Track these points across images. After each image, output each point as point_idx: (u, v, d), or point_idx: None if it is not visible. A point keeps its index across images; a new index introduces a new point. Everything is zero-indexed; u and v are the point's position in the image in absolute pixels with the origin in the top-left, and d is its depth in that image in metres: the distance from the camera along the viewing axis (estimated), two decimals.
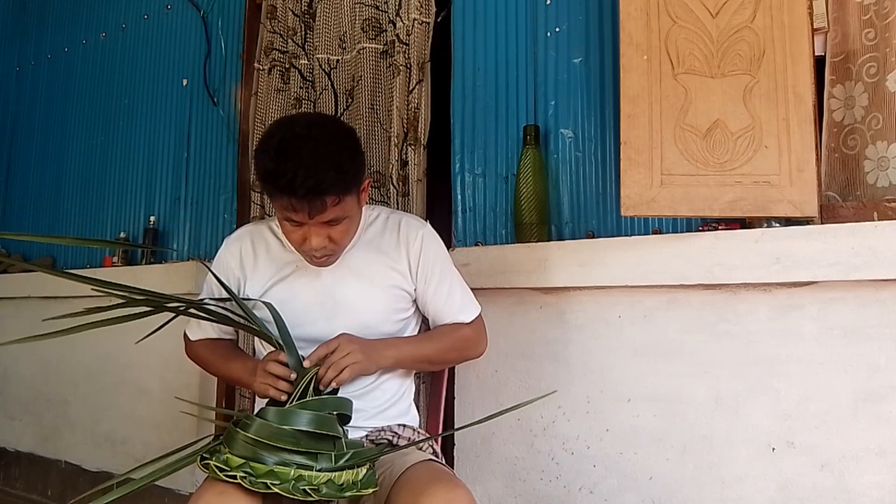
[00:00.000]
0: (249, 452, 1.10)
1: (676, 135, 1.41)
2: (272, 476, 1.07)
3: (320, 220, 1.22)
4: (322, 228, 1.25)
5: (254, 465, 1.09)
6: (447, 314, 1.43)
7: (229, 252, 1.45)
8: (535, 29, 1.82)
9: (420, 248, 1.40)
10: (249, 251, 1.43)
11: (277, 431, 1.09)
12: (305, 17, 2.23)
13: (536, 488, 1.66)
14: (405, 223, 1.44)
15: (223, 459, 1.11)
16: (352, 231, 1.34)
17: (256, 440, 1.09)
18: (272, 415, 1.12)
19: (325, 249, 1.28)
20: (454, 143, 1.93)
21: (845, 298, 1.32)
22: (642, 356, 1.54)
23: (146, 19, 2.83)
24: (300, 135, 1.20)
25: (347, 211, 1.25)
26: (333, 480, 1.09)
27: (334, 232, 1.26)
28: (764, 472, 1.38)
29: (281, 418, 1.11)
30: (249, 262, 1.42)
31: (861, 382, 1.30)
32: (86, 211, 2.93)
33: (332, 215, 1.22)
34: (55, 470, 2.76)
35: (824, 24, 1.46)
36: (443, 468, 1.27)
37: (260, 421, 1.11)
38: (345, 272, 1.38)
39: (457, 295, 1.44)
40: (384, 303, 1.39)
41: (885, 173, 1.39)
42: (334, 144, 1.22)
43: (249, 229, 1.49)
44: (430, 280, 1.41)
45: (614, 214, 1.66)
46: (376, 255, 1.40)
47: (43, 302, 2.88)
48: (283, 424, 1.10)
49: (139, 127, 2.77)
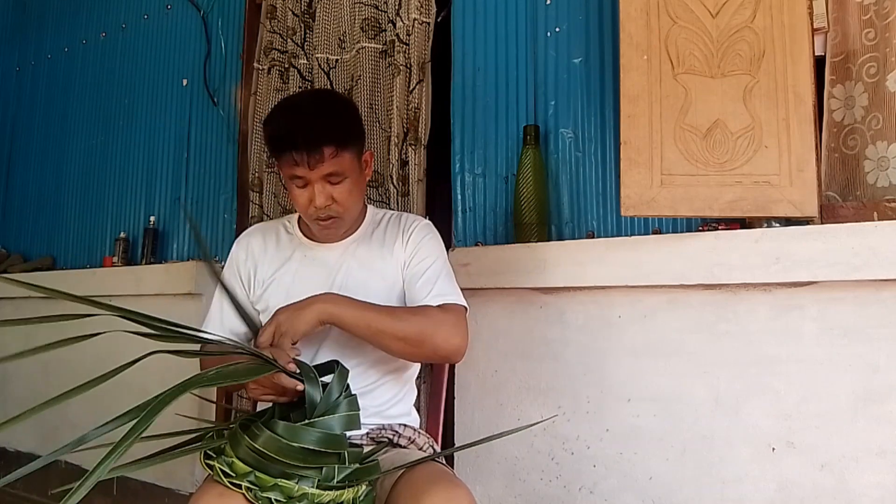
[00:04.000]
0: (253, 461, 1.08)
1: (676, 135, 1.41)
2: (276, 490, 1.06)
3: (321, 171, 1.29)
4: (324, 185, 1.31)
5: (259, 475, 1.07)
6: (420, 290, 1.37)
7: (239, 247, 1.52)
8: (535, 29, 1.82)
9: (413, 231, 1.45)
10: (259, 242, 1.50)
11: (286, 447, 1.07)
12: (305, 16, 2.23)
13: (536, 488, 1.66)
14: (406, 217, 1.51)
15: (228, 463, 1.10)
16: (354, 194, 1.37)
17: (263, 452, 1.07)
18: (282, 430, 1.08)
19: (329, 209, 1.34)
20: (454, 143, 1.93)
21: (845, 298, 1.32)
22: (642, 356, 1.54)
23: (146, 19, 2.83)
24: (302, 98, 1.40)
25: (347, 169, 1.32)
26: (335, 500, 1.08)
27: (336, 191, 1.33)
28: (764, 472, 1.38)
29: (291, 434, 1.08)
30: (258, 251, 1.49)
31: (861, 382, 1.30)
32: (86, 211, 2.93)
33: (331, 168, 1.30)
34: (55, 470, 2.76)
35: (824, 24, 1.46)
36: (443, 468, 1.27)
37: (269, 434, 1.07)
38: (350, 261, 1.42)
39: (438, 278, 1.39)
40: (385, 292, 1.40)
41: (885, 173, 1.39)
42: (333, 104, 1.36)
43: (261, 225, 1.58)
44: (416, 257, 1.41)
45: (614, 214, 1.66)
46: (379, 248, 1.44)
47: (43, 302, 2.88)
48: (292, 441, 1.07)
49: (139, 127, 2.77)
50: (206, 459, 1.14)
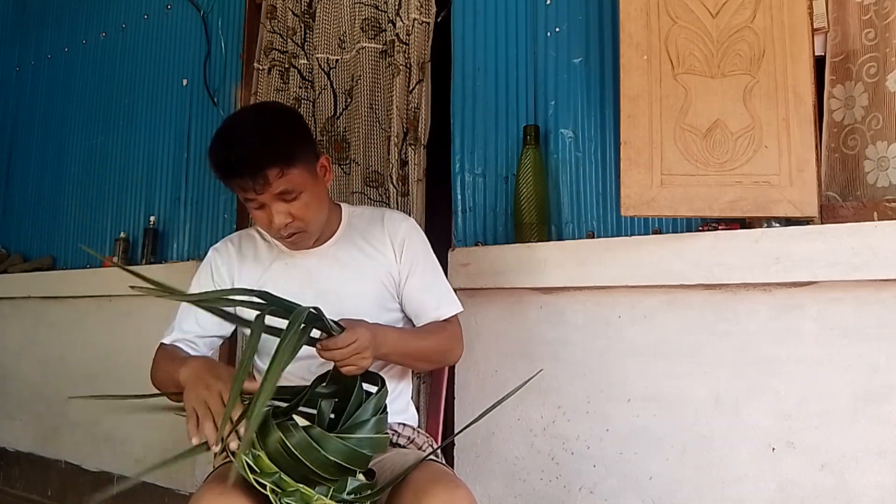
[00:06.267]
0: (283, 461, 1.03)
1: (676, 135, 1.41)
2: (297, 495, 1.04)
3: (271, 193, 1.25)
4: (280, 205, 1.28)
5: (284, 478, 1.03)
6: (427, 305, 1.41)
7: (217, 254, 1.46)
8: (535, 29, 1.82)
9: (404, 238, 1.43)
10: (236, 250, 1.45)
11: (320, 456, 1.03)
12: (305, 16, 2.23)
13: (536, 488, 1.66)
14: (388, 215, 1.47)
15: (254, 457, 1.04)
16: (314, 206, 1.33)
17: (294, 454, 1.02)
18: (318, 436, 1.04)
19: (290, 227, 1.30)
20: (454, 143, 1.93)
21: (845, 298, 1.32)
22: (642, 356, 1.54)
23: (146, 19, 2.83)
24: (237, 120, 1.31)
25: (298, 185, 1.27)
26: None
27: (293, 208, 1.29)
28: (764, 472, 1.38)
29: (325, 444, 1.04)
30: (236, 262, 1.44)
31: (861, 382, 1.30)
32: (86, 211, 2.93)
33: (282, 187, 1.25)
34: (55, 470, 2.76)
35: (824, 24, 1.46)
36: (443, 468, 1.27)
37: (305, 437, 1.03)
38: (331, 263, 1.40)
39: (438, 287, 1.44)
40: (373, 294, 1.39)
41: (885, 173, 1.39)
42: (270, 122, 1.29)
43: (238, 233, 1.53)
44: (413, 269, 1.41)
45: (614, 214, 1.66)
46: (363, 247, 1.42)
47: (43, 302, 2.89)
48: (327, 451, 1.04)
49: (139, 127, 2.77)
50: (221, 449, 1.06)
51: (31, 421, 2.90)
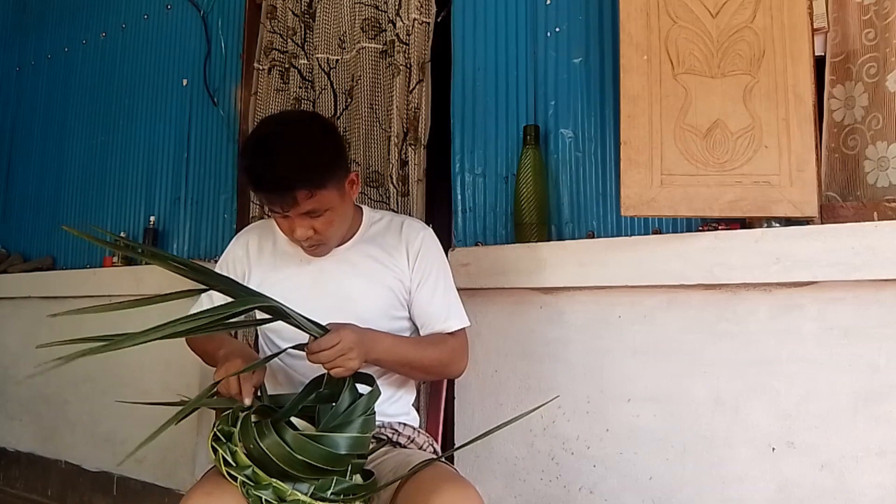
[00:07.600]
0: (258, 455, 1.07)
1: (676, 135, 1.41)
2: (270, 489, 1.05)
3: (297, 212, 1.26)
4: (304, 220, 1.28)
5: (257, 472, 1.06)
6: (435, 316, 1.41)
7: (238, 243, 1.50)
8: (535, 29, 1.82)
9: (420, 247, 1.42)
10: (255, 244, 1.48)
11: (288, 456, 1.05)
12: (305, 16, 2.23)
13: (536, 488, 1.66)
14: (407, 224, 1.47)
15: (232, 451, 1.09)
16: (337, 222, 1.34)
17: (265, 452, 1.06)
18: (290, 438, 1.06)
19: (311, 240, 1.32)
20: (454, 143, 1.93)
21: (845, 298, 1.32)
22: (642, 356, 1.54)
23: (146, 19, 2.83)
24: (273, 132, 1.28)
25: (326, 203, 1.28)
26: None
27: (317, 223, 1.30)
28: (764, 472, 1.38)
29: (298, 446, 1.06)
30: (255, 253, 1.47)
31: (861, 382, 1.30)
32: (86, 211, 2.93)
33: (309, 207, 1.26)
34: (55, 470, 2.76)
35: (824, 24, 1.46)
36: (449, 469, 1.27)
37: (276, 439, 1.06)
38: (346, 267, 1.40)
39: (448, 300, 1.43)
40: (383, 299, 1.39)
41: (885, 173, 1.39)
42: (305, 140, 1.27)
43: (260, 224, 1.55)
44: (425, 279, 1.41)
45: (614, 214, 1.66)
46: (377, 253, 1.42)
47: (43, 302, 2.88)
48: (297, 453, 1.06)
49: (139, 127, 2.77)
50: (214, 441, 1.13)
51: (31, 421, 2.90)
